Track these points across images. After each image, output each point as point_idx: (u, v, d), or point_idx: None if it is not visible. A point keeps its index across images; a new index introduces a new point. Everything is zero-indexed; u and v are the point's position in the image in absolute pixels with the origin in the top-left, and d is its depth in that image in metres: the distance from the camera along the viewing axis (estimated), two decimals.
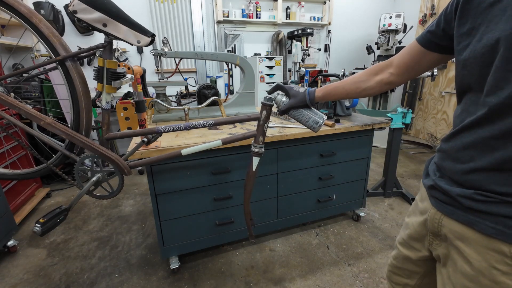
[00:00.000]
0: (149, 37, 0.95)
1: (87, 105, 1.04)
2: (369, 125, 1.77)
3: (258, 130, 1.00)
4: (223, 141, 1.02)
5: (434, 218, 0.67)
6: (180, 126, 1.00)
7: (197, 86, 2.31)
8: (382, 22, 3.61)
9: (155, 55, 1.70)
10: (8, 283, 1.59)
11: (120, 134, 1.06)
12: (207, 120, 1.00)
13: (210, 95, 1.98)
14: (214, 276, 1.62)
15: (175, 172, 1.44)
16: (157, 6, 3.38)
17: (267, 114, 0.97)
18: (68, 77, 0.99)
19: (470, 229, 0.58)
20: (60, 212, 1.02)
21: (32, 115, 0.99)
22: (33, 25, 0.95)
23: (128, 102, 1.80)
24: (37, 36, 0.97)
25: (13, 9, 0.94)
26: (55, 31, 0.98)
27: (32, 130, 1.10)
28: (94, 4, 0.88)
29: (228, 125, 1.71)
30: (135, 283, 1.58)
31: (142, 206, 2.43)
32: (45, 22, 0.97)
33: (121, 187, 1.08)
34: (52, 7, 2.81)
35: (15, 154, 2.24)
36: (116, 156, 1.03)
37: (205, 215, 1.60)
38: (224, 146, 1.24)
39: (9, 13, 0.96)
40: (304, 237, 1.96)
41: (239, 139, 1.02)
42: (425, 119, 4.21)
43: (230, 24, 3.82)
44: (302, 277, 1.60)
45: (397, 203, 2.40)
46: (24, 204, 2.25)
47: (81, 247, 1.90)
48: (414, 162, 3.37)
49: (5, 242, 1.77)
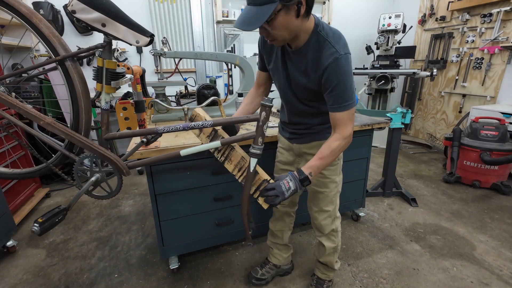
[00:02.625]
0: (148, 37, 0.94)
1: (87, 105, 1.04)
2: (369, 125, 1.77)
3: (257, 131, 1.00)
4: (222, 142, 1.01)
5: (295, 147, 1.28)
6: (179, 127, 0.99)
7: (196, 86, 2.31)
8: (381, 22, 3.61)
9: (154, 55, 1.70)
10: (8, 283, 1.59)
11: (119, 134, 1.06)
12: (206, 121, 1.00)
13: (209, 95, 1.98)
14: (214, 276, 1.62)
15: (174, 172, 1.44)
16: (156, 6, 3.38)
17: (267, 115, 0.98)
18: (68, 77, 0.99)
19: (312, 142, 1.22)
20: (59, 211, 1.02)
21: (32, 115, 0.99)
22: (34, 25, 0.95)
23: (127, 102, 1.80)
24: (37, 36, 0.96)
25: (14, 9, 0.94)
26: (55, 31, 0.98)
27: (32, 129, 1.10)
28: (92, 4, 0.87)
29: None
30: (134, 283, 1.58)
31: (142, 206, 2.43)
32: (45, 22, 0.96)
33: (120, 188, 1.08)
34: (52, 7, 2.80)
35: (15, 154, 2.24)
36: (115, 156, 1.02)
37: (205, 215, 1.60)
38: None
39: (10, 13, 0.96)
40: (304, 237, 1.96)
41: (238, 140, 1.02)
42: (425, 119, 4.22)
43: (229, 24, 3.82)
44: (302, 277, 1.60)
45: (396, 203, 2.41)
46: (23, 204, 2.25)
47: (81, 247, 1.90)
48: (414, 162, 3.38)
49: (4, 242, 1.77)
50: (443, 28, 3.77)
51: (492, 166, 2.52)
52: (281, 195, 0.99)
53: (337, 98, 1.00)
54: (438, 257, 1.75)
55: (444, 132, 3.87)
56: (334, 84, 0.98)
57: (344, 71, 0.96)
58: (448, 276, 1.60)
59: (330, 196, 1.28)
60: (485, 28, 3.26)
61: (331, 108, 1.03)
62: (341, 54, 0.96)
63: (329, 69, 0.96)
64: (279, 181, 1.01)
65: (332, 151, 1.03)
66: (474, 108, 3.04)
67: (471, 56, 3.46)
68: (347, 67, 0.97)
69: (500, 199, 2.46)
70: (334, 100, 1.01)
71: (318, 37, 0.99)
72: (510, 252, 1.79)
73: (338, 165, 1.27)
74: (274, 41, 0.98)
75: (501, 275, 1.60)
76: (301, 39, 1.00)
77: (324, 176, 1.24)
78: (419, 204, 2.38)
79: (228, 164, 1.08)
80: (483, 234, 1.98)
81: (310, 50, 1.00)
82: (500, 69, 3.18)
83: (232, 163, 1.07)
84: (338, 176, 1.28)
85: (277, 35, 0.93)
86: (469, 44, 3.46)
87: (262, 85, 1.30)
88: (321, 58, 0.98)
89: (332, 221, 1.34)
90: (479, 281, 1.56)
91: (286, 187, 1.00)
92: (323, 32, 0.99)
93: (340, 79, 0.97)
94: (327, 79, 0.98)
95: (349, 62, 0.98)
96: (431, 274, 1.62)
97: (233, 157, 1.06)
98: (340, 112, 1.01)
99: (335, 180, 1.26)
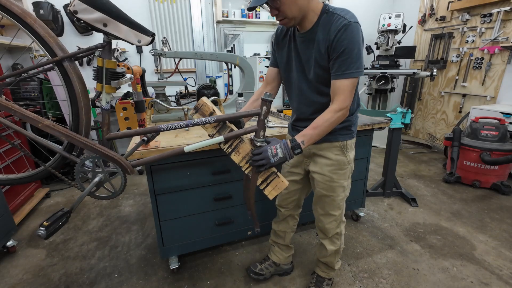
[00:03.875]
0: (150, 36, 0.95)
1: (86, 106, 1.03)
2: (369, 125, 1.77)
3: (259, 125, 1.02)
4: (225, 137, 1.02)
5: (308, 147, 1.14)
6: (182, 124, 1.00)
7: (196, 86, 2.31)
8: (381, 22, 3.61)
9: (154, 55, 1.70)
10: (8, 284, 1.59)
11: (121, 134, 1.05)
12: (208, 117, 1.00)
13: (209, 95, 1.99)
14: (214, 276, 1.62)
15: (174, 172, 1.44)
16: (156, 6, 3.38)
17: (267, 109, 1.00)
18: (66, 78, 0.98)
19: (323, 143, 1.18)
20: (63, 214, 1.01)
21: (30, 118, 0.96)
22: (28, 26, 0.92)
23: (127, 102, 1.80)
24: (31, 37, 0.94)
25: (5, 9, 0.90)
26: (51, 32, 0.95)
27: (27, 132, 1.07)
28: (94, 4, 0.87)
29: None
30: (134, 283, 1.58)
31: (142, 206, 2.43)
32: (40, 22, 0.94)
33: (124, 187, 1.08)
34: (52, 7, 2.80)
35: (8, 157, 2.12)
36: (119, 156, 1.02)
37: (205, 215, 1.60)
38: None
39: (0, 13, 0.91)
40: (304, 237, 1.96)
41: (241, 134, 1.03)
42: (425, 119, 4.22)
43: (229, 24, 3.82)
44: (302, 277, 1.60)
45: (396, 203, 2.41)
46: (23, 204, 2.25)
47: (81, 247, 1.90)
48: (414, 162, 3.38)
49: (4, 243, 1.77)
50: (443, 28, 3.77)
51: (492, 166, 2.52)
52: (266, 160, 0.98)
53: (341, 65, 0.98)
54: (438, 257, 1.75)
55: (444, 132, 3.87)
56: (341, 50, 0.96)
57: (353, 37, 0.95)
58: (448, 276, 1.60)
59: (337, 200, 1.25)
60: (485, 28, 3.26)
61: (334, 75, 1.00)
62: (350, 21, 0.95)
63: (337, 36, 0.95)
64: (267, 146, 1.00)
65: (326, 120, 1.02)
66: (474, 108, 3.04)
67: (471, 56, 3.46)
68: (356, 35, 0.96)
69: (500, 199, 2.46)
70: (337, 67, 0.99)
71: (327, 14, 1.00)
72: (510, 252, 1.79)
73: (347, 170, 1.23)
74: (285, 20, 0.99)
75: (501, 275, 1.60)
76: (310, 19, 1.01)
77: (332, 180, 1.21)
78: (419, 204, 2.38)
79: (235, 156, 1.07)
80: (483, 234, 1.98)
81: (320, 27, 1.01)
82: (500, 69, 3.18)
83: (240, 155, 1.06)
84: (347, 181, 1.26)
85: (287, 12, 0.96)
86: (469, 44, 3.46)
87: (271, 83, 1.30)
88: (330, 30, 0.97)
89: (337, 225, 1.32)
90: (479, 281, 1.56)
91: (273, 153, 0.99)
92: (331, 9, 1.00)
93: (348, 45, 0.95)
94: (335, 46, 0.97)
95: (358, 31, 0.97)
96: (431, 274, 1.62)
97: (242, 149, 1.05)
98: (341, 79, 0.99)
99: (343, 184, 1.24)
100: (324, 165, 1.21)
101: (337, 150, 1.19)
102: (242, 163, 1.07)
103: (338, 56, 0.97)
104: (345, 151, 1.20)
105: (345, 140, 1.19)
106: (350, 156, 1.22)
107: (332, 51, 0.99)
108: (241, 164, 1.08)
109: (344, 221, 1.36)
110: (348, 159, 1.21)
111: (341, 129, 1.16)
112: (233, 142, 1.06)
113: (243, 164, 1.07)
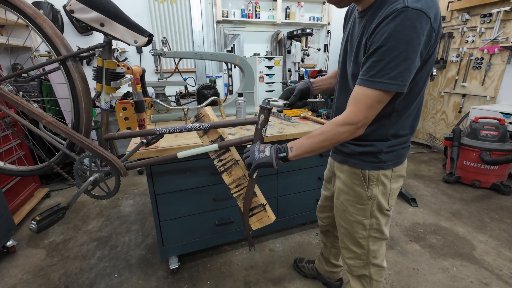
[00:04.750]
0: (146, 37, 0.93)
1: (87, 105, 1.04)
2: None
3: (255, 134, 0.95)
4: (219, 145, 0.98)
5: (331, 163, 1.15)
6: (176, 128, 0.98)
7: (196, 86, 2.31)
8: None
9: (154, 55, 1.70)
10: (7, 284, 1.58)
11: (118, 134, 1.06)
12: (203, 123, 0.97)
13: (209, 95, 1.98)
14: (214, 276, 1.62)
15: (174, 172, 1.44)
16: (156, 6, 3.38)
17: (265, 118, 0.93)
18: (69, 77, 1.00)
19: (343, 164, 1.01)
20: (58, 210, 1.02)
21: (36, 114, 1.01)
22: (38, 26, 0.96)
23: (127, 102, 1.80)
24: (41, 37, 0.98)
25: (19, 10, 0.96)
26: (58, 32, 1.00)
27: (37, 129, 1.11)
28: (91, 4, 0.87)
29: None
30: (134, 283, 1.58)
31: (142, 206, 2.43)
32: (49, 22, 0.98)
33: (117, 188, 1.08)
34: (52, 7, 2.80)
35: (15, 152, 2.24)
36: (113, 157, 1.02)
37: (205, 215, 1.60)
38: None
39: (16, 14, 0.97)
40: (304, 237, 1.96)
41: (236, 144, 0.98)
42: (424, 119, 4.22)
43: (229, 24, 3.82)
44: (302, 278, 1.60)
45: (396, 203, 2.41)
46: (23, 204, 2.25)
47: (81, 247, 1.89)
48: (414, 162, 3.38)
49: (4, 242, 1.77)
50: (443, 28, 3.77)
51: (492, 166, 2.52)
52: (251, 155, 0.89)
53: (370, 66, 0.73)
54: (438, 257, 1.75)
55: (444, 132, 3.87)
56: (376, 46, 0.70)
57: (400, 31, 0.66)
58: (448, 276, 1.60)
59: (355, 237, 1.03)
60: (485, 28, 3.26)
61: (359, 78, 0.77)
62: (406, 6, 0.65)
63: (381, 25, 0.69)
64: (256, 144, 0.93)
65: (322, 133, 0.82)
66: (474, 108, 3.04)
67: (471, 56, 3.45)
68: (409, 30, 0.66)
69: (500, 199, 2.47)
70: (366, 68, 0.74)
71: None
72: (510, 252, 1.79)
73: (368, 207, 0.97)
74: None
75: (501, 275, 1.60)
76: None
77: (347, 211, 1.02)
78: (419, 204, 2.38)
79: (226, 176, 1.02)
80: (483, 234, 1.98)
81: (375, 8, 0.76)
82: (500, 69, 3.18)
83: (231, 177, 1.01)
84: (368, 220, 0.99)
85: None
86: (469, 44, 3.46)
87: None
88: (380, 14, 0.72)
89: (363, 265, 1.07)
90: (479, 281, 1.56)
91: (259, 149, 0.89)
92: None
93: (387, 41, 0.68)
94: (373, 39, 0.72)
95: (415, 25, 0.66)
96: (431, 274, 1.62)
97: (234, 172, 1.00)
98: (363, 86, 0.75)
99: (362, 222, 0.99)
100: (341, 191, 1.03)
101: (356, 179, 0.96)
102: (232, 186, 1.02)
103: (372, 53, 0.72)
104: (365, 183, 0.94)
105: (366, 169, 0.93)
106: (373, 192, 0.94)
107: (370, 45, 0.74)
108: (230, 187, 1.03)
109: (378, 265, 1.06)
110: (369, 194, 0.95)
111: (362, 154, 0.92)
112: (227, 162, 1.00)
113: (233, 187, 1.03)
